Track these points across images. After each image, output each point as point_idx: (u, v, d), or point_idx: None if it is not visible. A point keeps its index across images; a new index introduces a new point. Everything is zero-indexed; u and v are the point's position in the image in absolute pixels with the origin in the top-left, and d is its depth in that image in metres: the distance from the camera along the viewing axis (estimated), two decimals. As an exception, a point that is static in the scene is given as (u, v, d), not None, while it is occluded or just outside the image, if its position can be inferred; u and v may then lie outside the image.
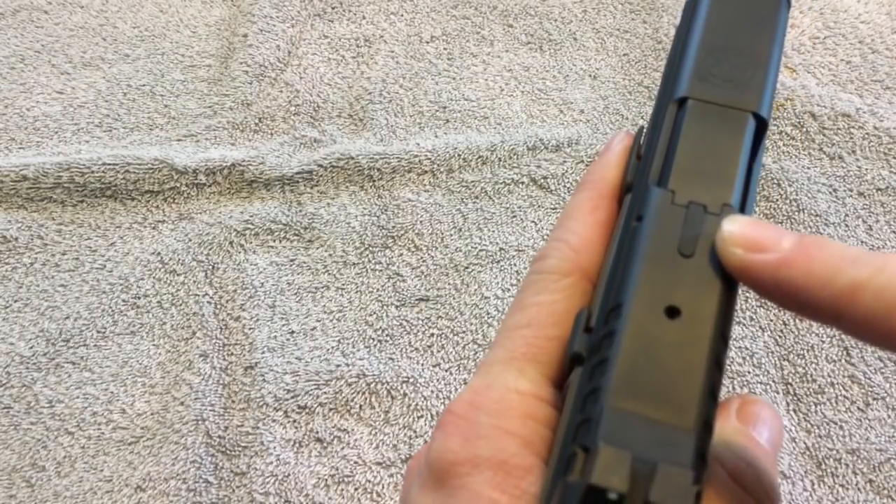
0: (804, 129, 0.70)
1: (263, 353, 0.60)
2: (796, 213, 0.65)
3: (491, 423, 0.23)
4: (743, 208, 0.24)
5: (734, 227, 0.23)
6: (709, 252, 0.23)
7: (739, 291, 0.64)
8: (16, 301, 0.64)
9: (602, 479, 0.18)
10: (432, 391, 0.59)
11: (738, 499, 0.23)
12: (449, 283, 0.64)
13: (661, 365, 0.21)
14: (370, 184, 0.69)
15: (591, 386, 0.21)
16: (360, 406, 0.58)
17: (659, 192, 0.24)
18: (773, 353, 0.59)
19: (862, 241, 0.64)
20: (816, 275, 0.21)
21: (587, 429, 0.21)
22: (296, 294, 0.63)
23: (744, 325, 0.60)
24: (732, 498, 0.23)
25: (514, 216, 0.67)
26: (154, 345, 0.61)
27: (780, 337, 0.59)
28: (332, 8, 0.84)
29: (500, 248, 0.65)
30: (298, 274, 0.64)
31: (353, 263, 0.65)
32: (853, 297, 0.20)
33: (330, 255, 0.65)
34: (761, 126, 0.26)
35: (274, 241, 0.66)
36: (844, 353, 0.58)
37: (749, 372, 0.58)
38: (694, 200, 0.23)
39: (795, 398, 0.57)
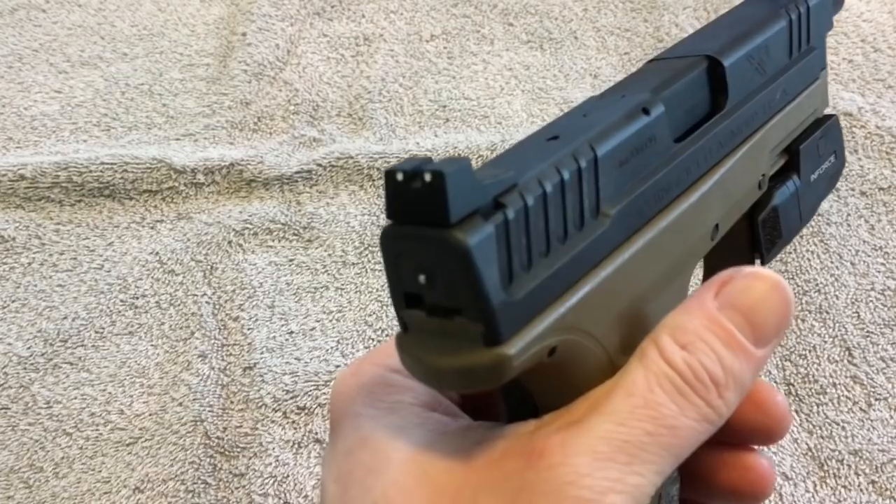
0: (806, 128, 0.70)
1: (262, 353, 0.60)
2: (798, 213, 0.65)
3: (370, 362, 0.28)
4: None
5: None
6: (610, 111, 0.27)
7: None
8: (13, 301, 0.63)
9: (394, 167, 0.22)
10: (432, 392, 0.58)
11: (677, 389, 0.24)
12: (449, 283, 0.63)
13: (523, 157, 0.25)
14: (370, 183, 0.69)
15: None
16: (360, 407, 0.58)
17: (593, 97, 0.30)
18: (774, 353, 0.58)
19: (864, 241, 0.64)
20: None
21: None
22: (295, 294, 0.63)
23: (745, 325, 0.60)
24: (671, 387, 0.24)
25: (515, 216, 0.67)
26: (152, 345, 0.61)
27: (781, 337, 0.59)
28: (332, 6, 0.83)
29: (501, 248, 0.65)
30: (297, 274, 0.64)
31: (353, 263, 0.65)
32: None
33: (329, 254, 0.65)
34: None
35: (273, 240, 0.66)
36: (847, 353, 0.58)
37: (751, 372, 0.57)
38: (616, 95, 0.29)
39: (797, 399, 0.56)
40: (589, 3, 0.83)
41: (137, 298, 0.63)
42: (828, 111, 0.40)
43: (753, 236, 0.35)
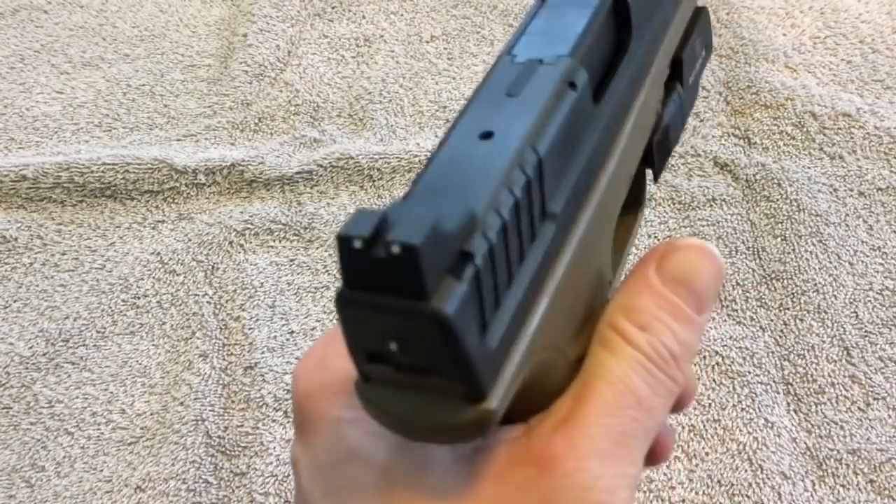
0: (805, 129, 0.70)
1: (263, 353, 0.60)
2: (797, 213, 0.65)
3: (336, 353, 0.24)
4: (578, 56, 0.24)
5: None
6: (535, 89, 0.23)
7: (741, 291, 0.63)
8: (15, 301, 0.64)
9: (347, 230, 0.19)
10: (432, 391, 0.58)
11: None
12: (449, 283, 0.63)
13: (464, 171, 0.21)
14: (370, 184, 0.69)
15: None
16: (360, 406, 0.58)
17: (504, 56, 0.24)
18: (773, 353, 0.59)
19: (863, 241, 0.64)
20: None
21: None
22: (295, 294, 0.63)
23: (744, 325, 0.60)
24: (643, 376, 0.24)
25: (515, 216, 0.67)
26: (154, 345, 0.61)
27: (780, 337, 0.59)
28: (332, 7, 0.84)
29: (501, 248, 0.65)
30: (298, 274, 0.64)
31: (353, 263, 0.65)
32: None
33: (330, 255, 0.65)
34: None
35: (274, 241, 0.66)
36: (845, 353, 0.58)
37: (749, 372, 0.58)
38: (532, 57, 0.24)
39: (796, 398, 0.56)
40: (588, 5, 0.83)
41: (139, 298, 0.63)
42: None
43: (649, 158, 0.31)
